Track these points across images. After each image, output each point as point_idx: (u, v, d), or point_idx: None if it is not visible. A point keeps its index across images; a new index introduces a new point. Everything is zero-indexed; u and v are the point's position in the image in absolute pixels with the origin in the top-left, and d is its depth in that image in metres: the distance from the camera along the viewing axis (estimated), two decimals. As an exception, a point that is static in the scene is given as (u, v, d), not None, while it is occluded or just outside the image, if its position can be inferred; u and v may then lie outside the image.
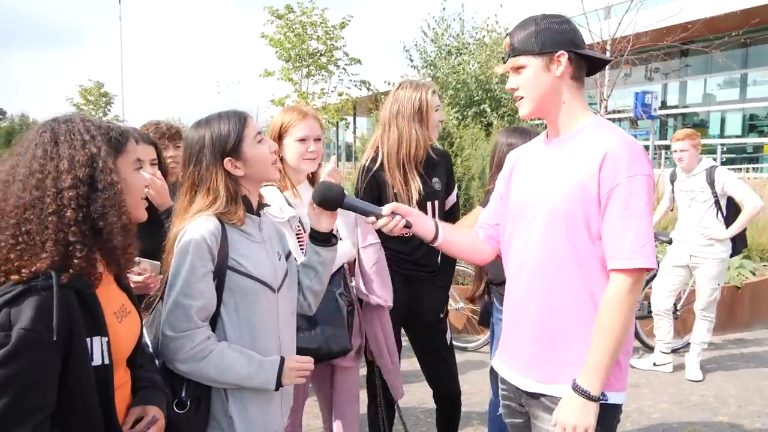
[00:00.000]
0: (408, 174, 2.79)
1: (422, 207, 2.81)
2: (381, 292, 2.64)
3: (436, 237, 2.00)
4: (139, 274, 2.14)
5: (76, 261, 1.29)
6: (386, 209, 1.91)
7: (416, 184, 2.78)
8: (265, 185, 2.24)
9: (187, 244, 1.72)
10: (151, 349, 1.87)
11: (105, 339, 1.35)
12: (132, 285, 2.09)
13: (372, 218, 1.92)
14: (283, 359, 1.81)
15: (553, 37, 1.74)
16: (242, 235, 1.82)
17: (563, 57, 1.74)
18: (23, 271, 1.25)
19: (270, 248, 1.91)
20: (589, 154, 1.70)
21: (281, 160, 2.51)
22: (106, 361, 1.35)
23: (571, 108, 1.79)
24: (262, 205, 1.97)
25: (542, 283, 1.78)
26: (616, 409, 1.78)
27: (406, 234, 1.96)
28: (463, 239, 2.09)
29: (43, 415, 1.24)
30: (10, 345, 1.18)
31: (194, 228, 1.74)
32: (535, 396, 1.81)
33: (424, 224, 2.00)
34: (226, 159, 1.79)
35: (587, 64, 1.81)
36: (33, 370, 1.21)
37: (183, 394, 1.73)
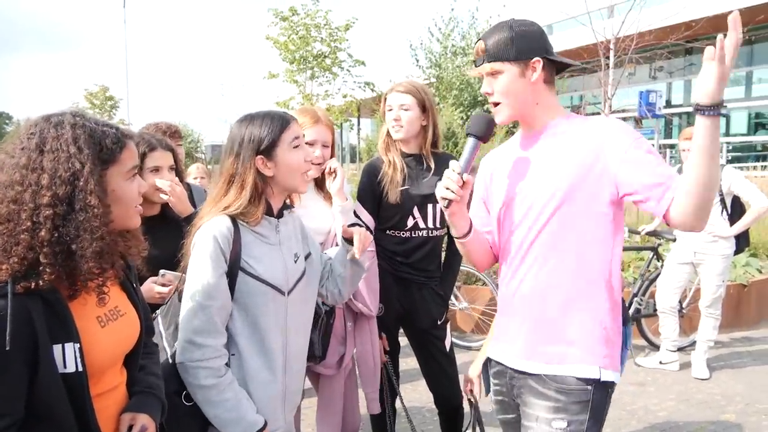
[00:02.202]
0: (388, 160, 2.84)
1: (422, 208, 2.81)
2: (366, 300, 2.61)
3: (466, 234, 1.95)
4: (164, 285, 2.17)
5: (41, 282, 1.24)
6: (467, 177, 1.81)
7: (397, 169, 2.80)
8: None
9: (201, 246, 1.76)
10: (165, 343, 1.90)
11: (77, 345, 1.28)
12: (157, 296, 2.12)
13: (457, 166, 1.80)
14: (264, 426, 1.79)
15: (528, 44, 1.78)
16: (256, 237, 1.85)
17: (538, 64, 1.78)
18: None
19: (286, 250, 1.93)
20: (585, 141, 1.76)
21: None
22: (80, 368, 1.29)
23: (544, 108, 1.85)
24: (286, 206, 2.00)
25: (538, 265, 1.81)
26: (609, 387, 1.80)
27: (443, 207, 1.84)
28: (482, 243, 2.05)
29: (1, 425, 1.20)
30: None
31: (207, 229, 1.78)
32: (531, 377, 1.82)
33: (463, 217, 1.93)
34: (258, 157, 1.83)
35: (556, 67, 1.87)
36: None
37: None
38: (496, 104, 1.85)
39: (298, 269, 1.96)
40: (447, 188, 1.79)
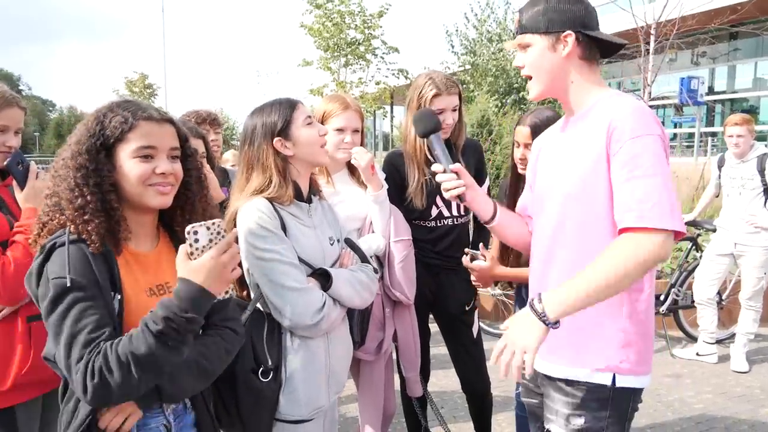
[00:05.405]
0: (413, 161, 2.79)
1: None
2: (403, 289, 2.63)
3: (492, 218, 1.96)
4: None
5: (74, 227, 1.44)
6: (455, 166, 1.89)
7: (421, 174, 2.77)
8: None
9: (252, 222, 1.84)
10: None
11: (119, 297, 1.43)
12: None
13: (440, 167, 1.90)
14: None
15: (561, 16, 1.70)
16: (293, 218, 1.93)
17: (570, 37, 1.70)
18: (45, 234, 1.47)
19: (321, 233, 2.00)
20: (596, 130, 1.65)
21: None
22: (116, 325, 1.41)
23: (580, 87, 1.76)
24: (314, 191, 2.07)
25: (560, 268, 1.74)
26: (633, 393, 1.71)
27: (459, 203, 1.93)
28: (519, 226, 2.04)
29: (97, 340, 1.34)
30: (50, 293, 1.37)
31: (251, 207, 1.86)
32: (551, 378, 1.78)
33: (482, 201, 1.96)
34: (276, 139, 1.93)
35: (600, 46, 1.76)
36: (75, 306, 1.36)
37: (269, 363, 1.85)
38: (529, 77, 1.80)
39: (335, 252, 2.02)
40: (452, 188, 1.87)
